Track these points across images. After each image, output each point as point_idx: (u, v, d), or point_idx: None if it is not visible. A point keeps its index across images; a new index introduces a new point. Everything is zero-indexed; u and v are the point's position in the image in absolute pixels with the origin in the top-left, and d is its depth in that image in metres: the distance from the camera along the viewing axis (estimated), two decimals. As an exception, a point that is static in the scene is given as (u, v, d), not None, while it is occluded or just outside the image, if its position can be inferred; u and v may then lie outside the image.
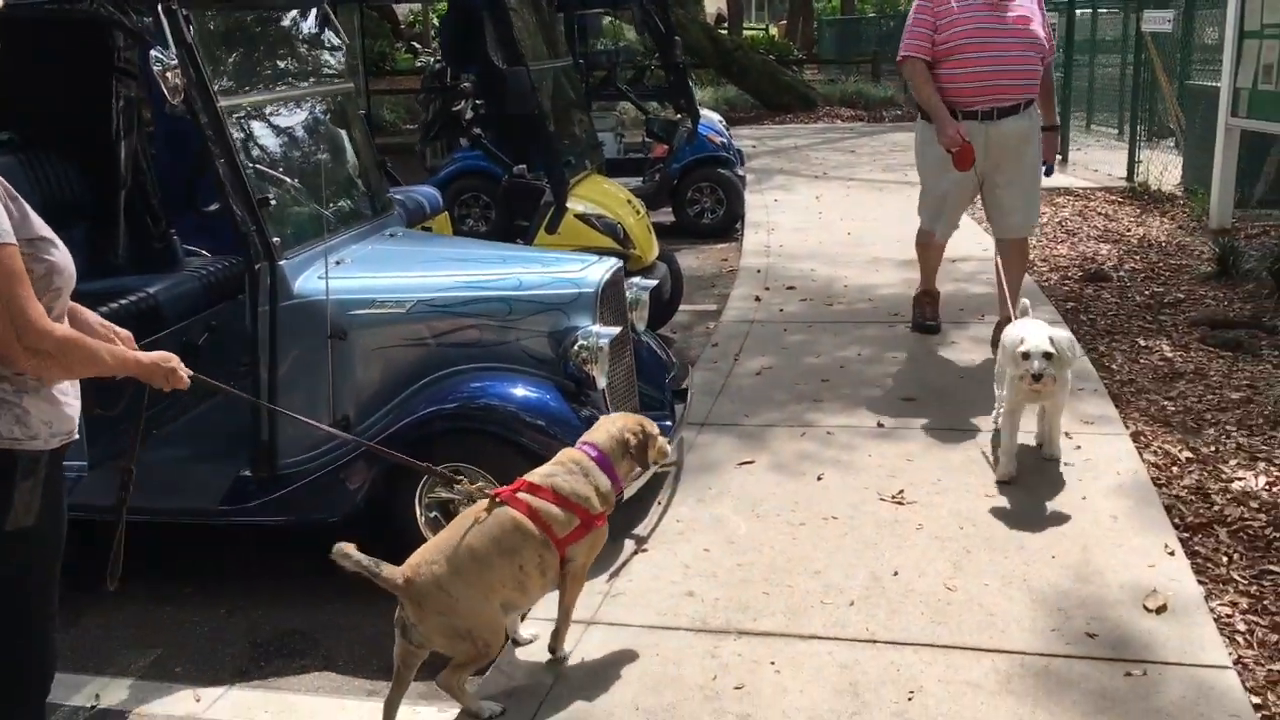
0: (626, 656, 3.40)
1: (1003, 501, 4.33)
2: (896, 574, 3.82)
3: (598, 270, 4.34)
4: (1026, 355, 4.27)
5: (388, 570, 3.04)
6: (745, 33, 32.60)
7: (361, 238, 4.57)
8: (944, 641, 3.39)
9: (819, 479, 4.62)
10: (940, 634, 3.44)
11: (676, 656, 3.39)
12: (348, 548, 3.02)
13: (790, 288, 7.88)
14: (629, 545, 4.06)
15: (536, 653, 3.45)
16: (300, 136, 4.62)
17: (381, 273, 4.26)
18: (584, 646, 3.47)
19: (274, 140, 4.42)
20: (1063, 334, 4.50)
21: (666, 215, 10.51)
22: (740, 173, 10.75)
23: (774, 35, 34.69)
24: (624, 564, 3.95)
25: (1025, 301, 5.17)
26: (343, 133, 4.92)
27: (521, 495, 3.23)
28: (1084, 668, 3.24)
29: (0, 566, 2.44)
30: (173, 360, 2.71)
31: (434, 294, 4.13)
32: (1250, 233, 9.04)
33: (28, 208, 2.41)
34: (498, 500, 3.21)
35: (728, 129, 11.58)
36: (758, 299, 7.62)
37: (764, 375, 5.99)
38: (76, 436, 2.58)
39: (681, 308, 7.62)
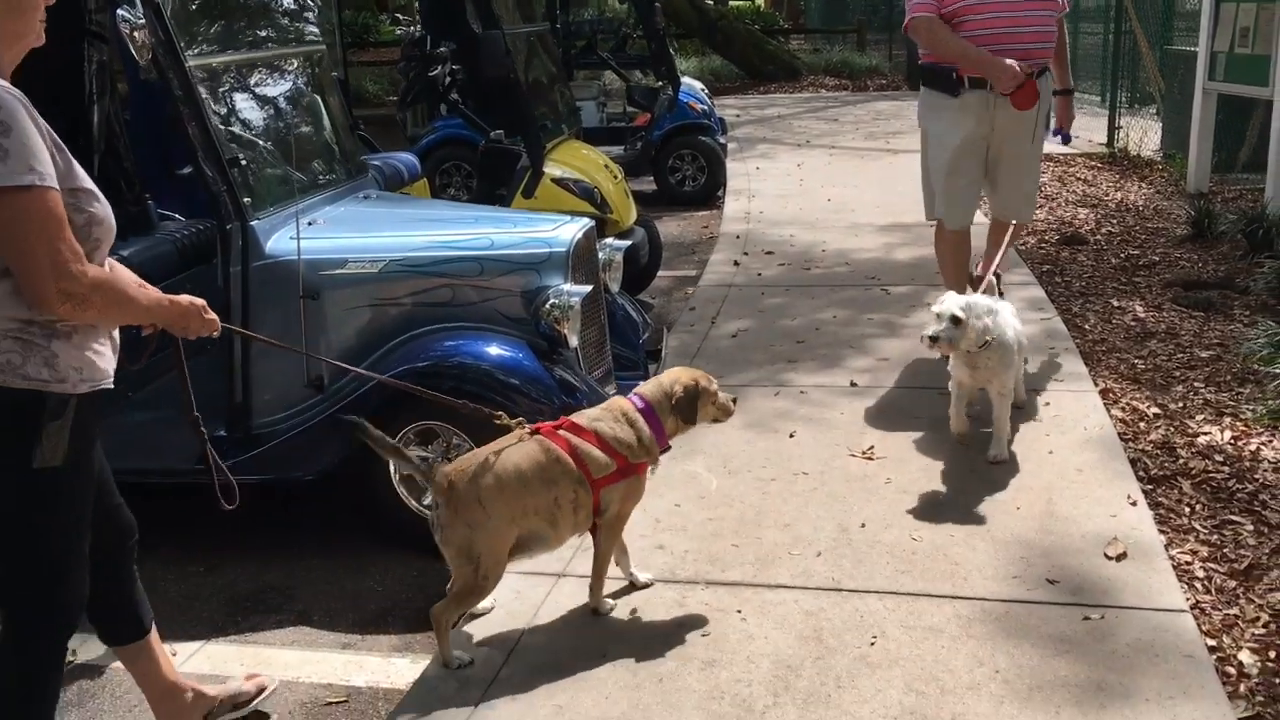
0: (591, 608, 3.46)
1: (970, 456, 4.39)
2: (864, 526, 3.88)
3: (570, 230, 4.36)
4: (936, 315, 4.12)
5: (439, 470, 3.14)
6: (731, 3, 32.45)
7: (334, 199, 4.59)
8: (907, 589, 3.46)
9: (791, 436, 4.68)
10: (904, 582, 3.50)
11: (645, 606, 3.44)
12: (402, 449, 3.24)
13: (769, 253, 7.91)
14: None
15: (506, 613, 3.49)
16: (271, 97, 4.63)
17: (354, 233, 4.28)
18: (554, 597, 3.53)
19: (245, 101, 4.43)
20: (983, 304, 4.14)
21: (648, 184, 10.52)
22: (722, 140, 10.75)
23: (760, 5, 34.54)
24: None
25: (993, 279, 4.90)
26: (315, 95, 4.92)
27: (562, 433, 3.28)
28: (1044, 612, 3.30)
29: (27, 506, 2.49)
30: (200, 303, 2.73)
31: (406, 254, 4.15)
32: (1227, 196, 9.09)
33: (72, 159, 2.46)
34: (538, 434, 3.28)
35: (710, 98, 11.56)
36: (736, 264, 7.66)
37: (740, 337, 6.03)
38: (110, 385, 2.63)
39: (661, 273, 7.65)
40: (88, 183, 2.48)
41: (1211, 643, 3.20)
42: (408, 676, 3.33)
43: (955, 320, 4.06)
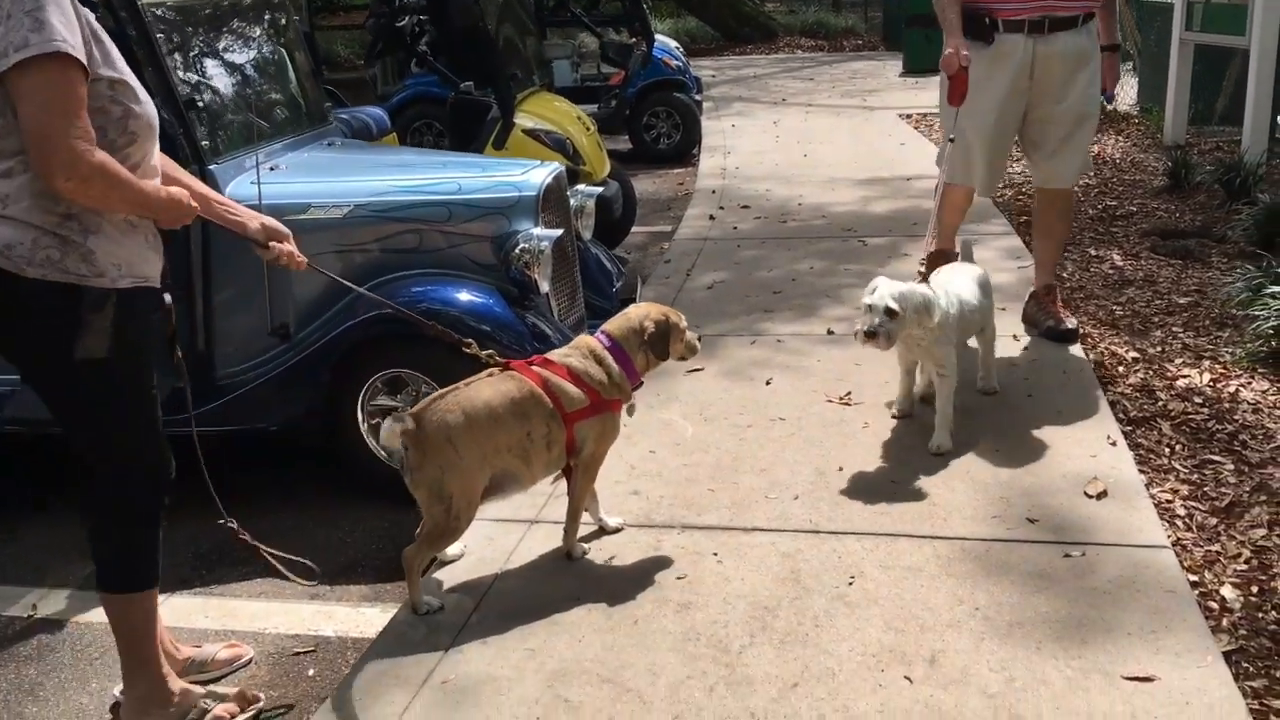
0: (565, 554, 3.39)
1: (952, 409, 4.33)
2: (841, 469, 3.82)
3: (539, 174, 4.26)
4: (869, 308, 3.76)
5: (402, 421, 3.03)
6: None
7: (297, 146, 4.47)
8: (886, 530, 3.40)
9: (768, 383, 4.61)
10: (883, 523, 3.44)
11: (619, 551, 3.38)
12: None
13: (745, 207, 7.83)
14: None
15: (477, 559, 3.42)
16: (231, 43, 4.49)
17: (317, 178, 4.17)
18: (526, 543, 3.45)
19: (203, 45, 4.29)
20: (918, 295, 3.80)
21: (624, 143, 10.41)
22: (697, 97, 10.63)
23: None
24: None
25: (966, 239, 4.70)
26: (277, 42, 4.78)
27: (534, 368, 3.20)
28: (1024, 550, 3.25)
29: (80, 395, 2.61)
30: (184, 193, 2.69)
31: (371, 199, 4.05)
32: (1204, 148, 9.04)
33: (114, 50, 2.52)
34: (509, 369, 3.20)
35: (685, 56, 11.43)
36: (712, 218, 7.57)
37: (716, 289, 5.95)
38: (156, 284, 2.69)
39: (636, 229, 7.56)
40: (130, 78, 2.55)
41: (1193, 578, 3.16)
42: (378, 625, 3.25)
43: (890, 313, 3.72)
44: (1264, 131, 7.70)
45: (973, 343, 4.42)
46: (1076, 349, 4.83)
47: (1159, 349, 4.94)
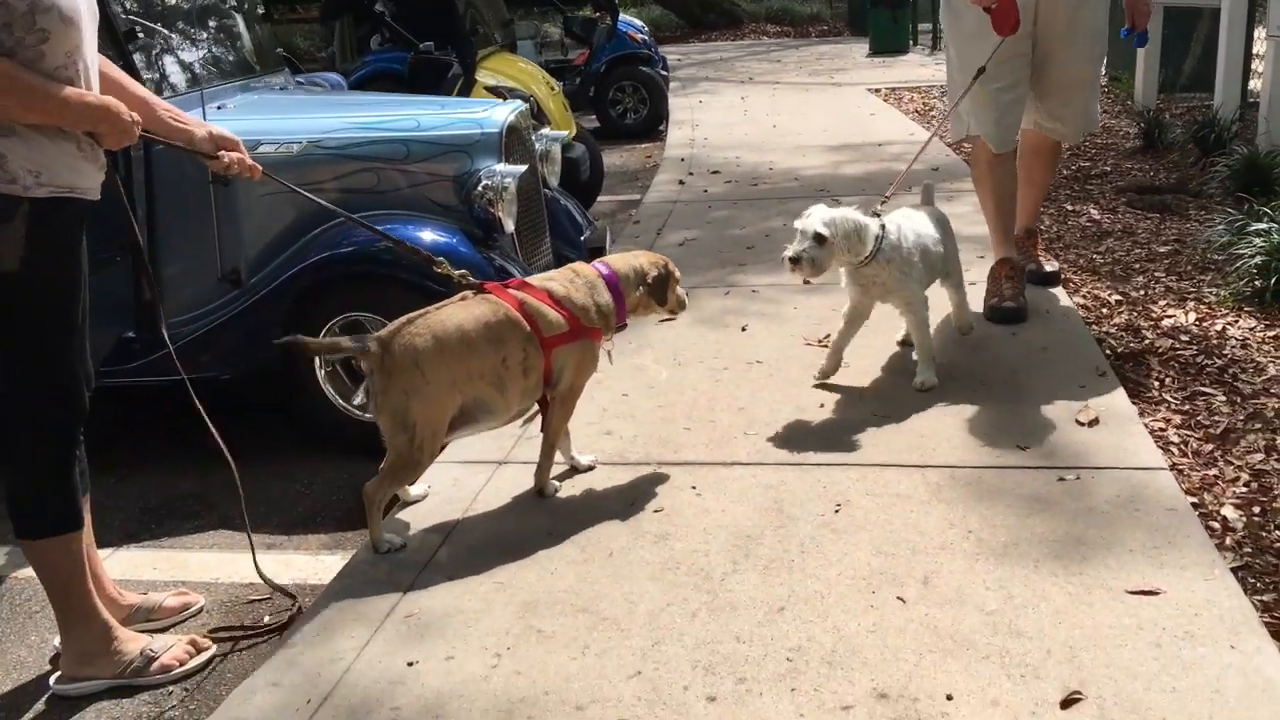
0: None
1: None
2: (823, 406, 3.66)
3: (502, 111, 4.09)
4: (800, 234, 3.50)
5: (350, 341, 2.88)
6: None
7: (247, 90, 4.27)
8: (872, 461, 3.25)
9: (743, 329, 4.45)
10: (868, 455, 3.29)
11: (593, 487, 3.21)
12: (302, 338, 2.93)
13: (715, 172, 7.68)
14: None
15: (442, 500, 3.23)
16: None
17: (268, 115, 3.98)
18: (495, 483, 3.27)
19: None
20: (850, 221, 3.51)
21: (590, 122, 10.23)
22: (663, 72, 10.48)
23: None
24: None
25: (928, 182, 4.39)
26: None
27: (511, 290, 3.03)
28: (1017, 476, 3.11)
29: None
30: (120, 105, 2.46)
31: (324, 135, 3.86)
32: (1174, 113, 8.97)
33: None
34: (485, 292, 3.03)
35: (650, 35, 11.29)
36: (681, 182, 7.41)
37: (688, 246, 5.79)
38: (89, 197, 2.50)
39: (603, 198, 7.39)
40: None
41: (1193, 500, 3.03)
42: (338, 571, 3.06)
43: (819, 239, 3.43)
44: (1236, 87, 7.62)
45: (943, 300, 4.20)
46: (1059, 291, 4.70)
47: (1142, 292, 4.83)
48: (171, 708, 2.63)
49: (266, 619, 2.97)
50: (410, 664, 2.43)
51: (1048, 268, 4.85)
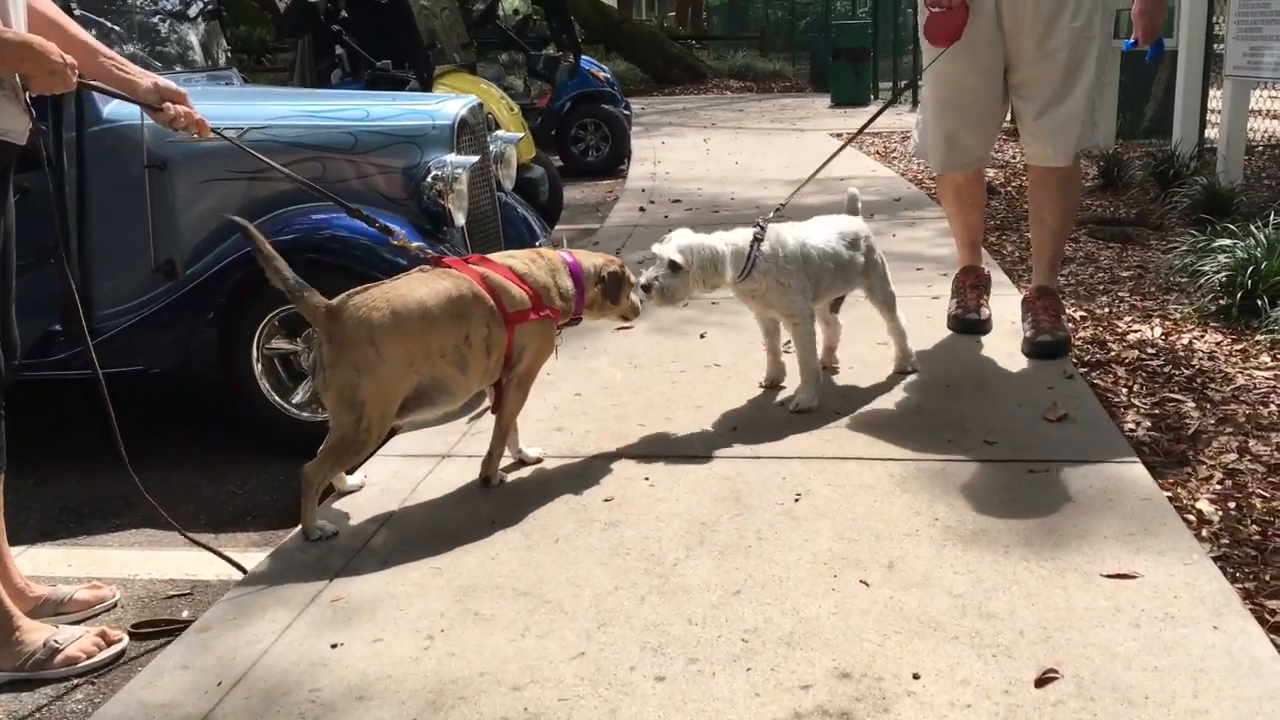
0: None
1: (893, 349, 4.06)
2: (781, 405, 3.52)
3: (454, 105, 3.97)
4: (656, 260, 3.29)
5: (314, 297, 2.64)
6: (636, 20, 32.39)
7: (192, 81, 4.12)
8: (833, 454, 3.10)
9: (702, 336, 4.32)
10: (829, 449, 3.14)
11: (540, 478, 3.04)
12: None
13: (676, 201, 7.61)
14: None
15: (380, 490, 3.05)
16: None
17: (209, 102, 3.80)
18: (436, 474, 3.09)
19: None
20: (708, 249, 3.28)
21: (554, 160, 10.15)
22: (625, 111, 10.45)
23: (663, 23, 34.57)
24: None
25: (854, 190, 3.96)
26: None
27: (473, 266, 2.89)
28: (984, 469, 2.97)
29: None
30: (52, 45, 2.25)
31: (269, 122, 3.72)
32: (1132, 156, 9.03)
33: None
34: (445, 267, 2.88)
35: (613, 77, 11.28)
36: (642, 209, 7.33)
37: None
38: (11, 140, 2.32)
39: (563, 227, 7.26)
40: None
41: (1167, 495, 2.90)
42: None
43: (674, 267, 3.21)
44: (1194, 126, 7.66)
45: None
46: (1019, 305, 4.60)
47: (1106, 310, 4.75)
48: (76, 701, 2.41)
49: (185, 614, 2.76)
50: (334, 646, 2.23)
51: (1058, 334, 3.95)
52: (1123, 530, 2.59)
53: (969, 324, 4.24)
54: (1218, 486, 3.03)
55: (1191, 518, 2.82)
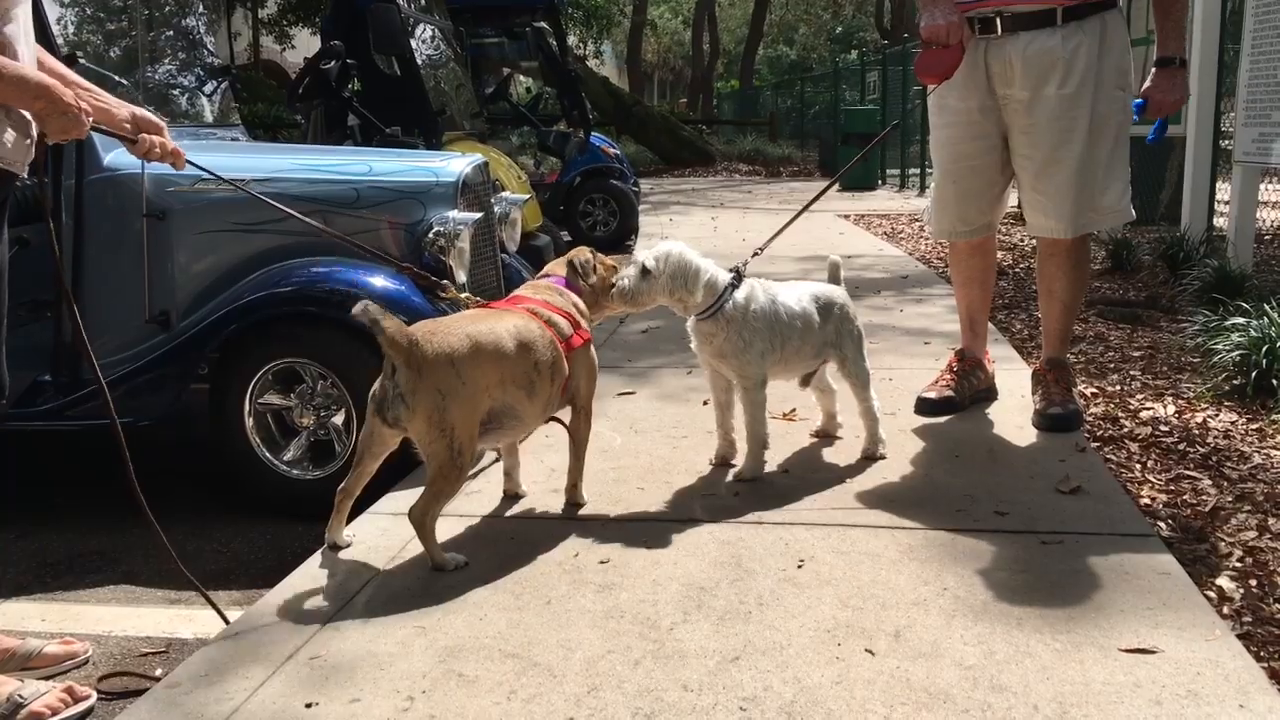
0: (477, 543, 2.93)
1: (901, 418, 3.98)
2: (787, 472, 3.42)
3: (459, 163, 3.94)
4: (632, 265, 3.25)
5: (394, 324, 2.59)
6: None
7: (198, 136, 4.11)
8: (838, 521, 2.99)
9: (704, 403, 4.21)
10: (834, 516, 3.03)
11: (535, 539, 2.92)
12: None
13: (682, 274, 7.54)
14: (490, 455, 3.59)
15: (367, 548, 2.94)
16: (129, 15, 4.16)
17: (212, 154, 3.79)
18: (426, 534, 2.98)
19: (86, 2, 3.95)
20: (685, 260, 3.21)
21: (562, 235, 10.18)
22: (634, 188, 10.49)
23: (672, 109, 35.09)
24: (483, 469, 3.49)
25: (835, 258, 3.90)
26: (175, 25, 4.46)
27: (520, 305, 2.98)
28: (995, 539, 2.85)
29: None
30: (69, 94, 2.25)
31: (270, 175, 3.68)
32: (1141, 240, 9.01)
33: None
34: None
35: (623, 153, 11.36)
36: (647, 282, 7.26)
37: (651, 334, 5.61)
38: (13, 169, 2.29)
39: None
40: None
41: (1185, 570, 2.78)
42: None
43: (644, 271, 3.15)
44: (1203, 210, 7.64)
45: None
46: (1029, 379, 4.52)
47: (1118, 388, 4.66)
48: (35, 761, 2.29)
49: (159, 671, 2.64)
50: (309, 705, 2.11)
51: (1069, 407, 3.86)
52: (1140, 604, 2.47)
53: (918, 402, 4.06)
54: (1238, 564, 2.91)
55: (1212, 594, 2.70)
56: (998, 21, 3.62)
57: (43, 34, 3.37)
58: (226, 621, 2.64)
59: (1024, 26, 3.59)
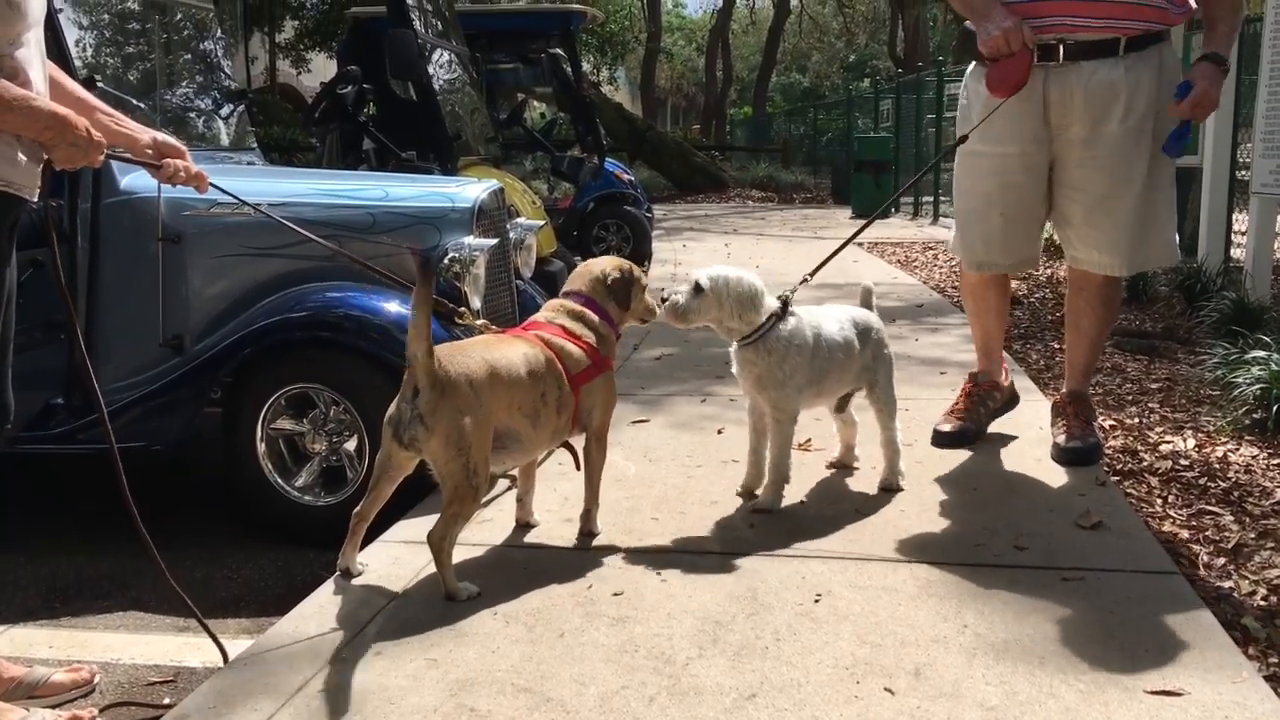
0: (489, 572, 2.89)
1: (917, 449, 3.94)
2: (804, 503, 3.38)
3: (475, 188, 3.93)
4: (687, 282, 3.22)
5: (423, 345, 2.61)
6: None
7: (214, 159, 4.10)
8: (855, 554, 2.95)
9: (719, 432, 4.20)
10: (851, 549, 2.99)
11: (547, 569, 2.89)
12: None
13: (695, 301, 7.52)
14: (503, 483, 3.56)
15: (378, 576, 2.91)
16: (148, 37, 4.16)
17: (227, 178, 3.78)
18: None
19: (115, 29, 3.96)
20: (745, 283, 3.20)
21: (575, 259, 10.17)
22: (647, 214, 10.49)
23: (685, 135, 35.19)
24: (495, 498, 3.45)
25: (869, 283, 3.84)
26: (193, 48, 4.47)
27: (530, 332, 2.94)
28: (1014, 574, 2.81)
29: None
30: (83, 121, 2.24)
31: (286, 199, 3.67)
32: (1157, 272, 8.96)
33: None
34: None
35: (636, 179, 11.37)
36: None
37: (664, 360, 5.59)
38: (23, 195, 2.26)
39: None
40: None
41: (1209, 608, 2.73)
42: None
43: (698, 289, 3.14)
44: (1220, 242, 7.60)
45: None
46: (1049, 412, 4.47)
47: (1137, 420, 4.61)
48: (39, 791, 2.26)
49: (167, 700, 2.60)
50: (318, 739, 2.08)
51: (1089, 440, 3.80)
52: (1165, 644, 2.42)
53: (934, 435, 4.01)
54: (1262, 602, 2.86)
55: (1237, 634, 2.65)
56: (1060, 49, 3.46)
57: (60, 56, 3.38)
58: (225, 655, 2.60)
59: (1086, 55, 3.44)
